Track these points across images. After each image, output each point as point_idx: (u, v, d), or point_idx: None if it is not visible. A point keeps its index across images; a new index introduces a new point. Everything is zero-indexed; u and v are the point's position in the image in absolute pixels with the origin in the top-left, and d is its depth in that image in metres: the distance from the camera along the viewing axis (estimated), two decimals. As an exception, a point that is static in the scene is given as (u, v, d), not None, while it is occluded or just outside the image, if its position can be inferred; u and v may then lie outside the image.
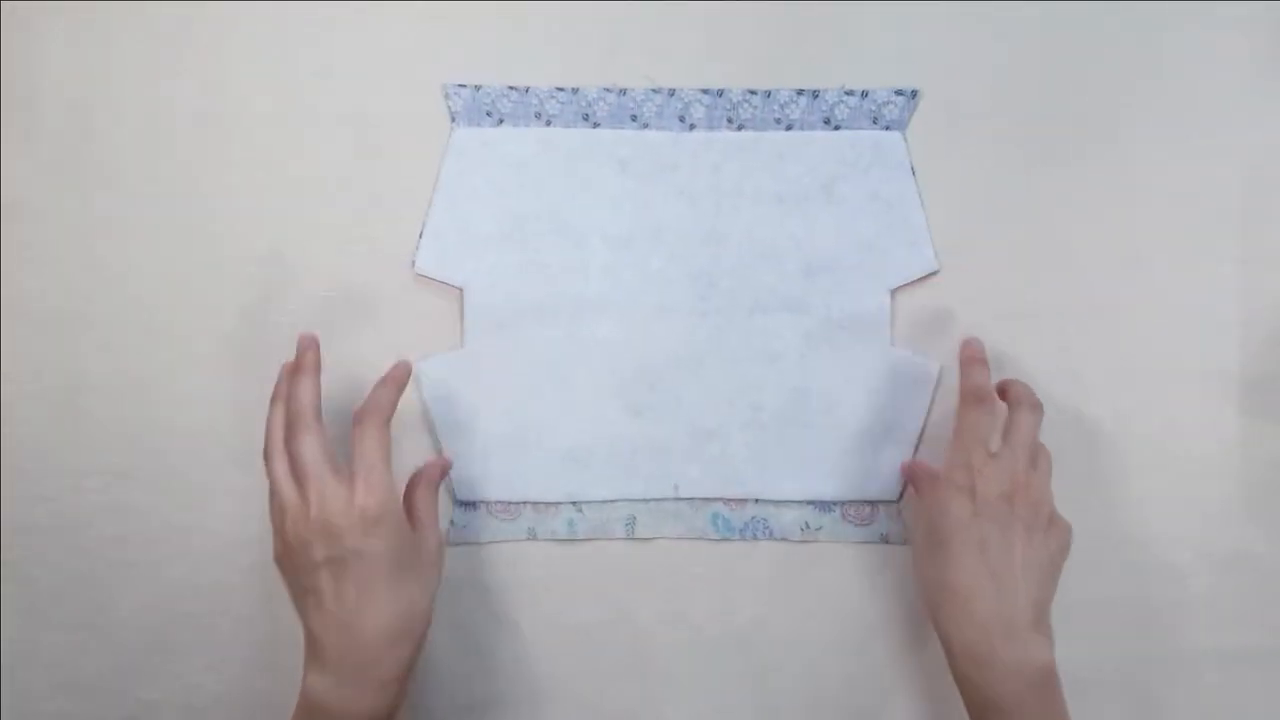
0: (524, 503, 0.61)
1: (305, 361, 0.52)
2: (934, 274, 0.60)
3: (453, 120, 0.61)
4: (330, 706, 0.47)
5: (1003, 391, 0.56)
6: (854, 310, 0.60)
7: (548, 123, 0.61)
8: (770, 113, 0.61)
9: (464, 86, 0.61)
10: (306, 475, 0.48)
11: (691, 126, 0.61)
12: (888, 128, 0.61)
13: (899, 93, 0.61)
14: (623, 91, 0.61)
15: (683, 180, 0.61)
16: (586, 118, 0.61)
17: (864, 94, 0.61)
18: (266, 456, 0.51)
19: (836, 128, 0.61)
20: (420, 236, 0.61)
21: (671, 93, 0.61)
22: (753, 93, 0.61)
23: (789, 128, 0.61)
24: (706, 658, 0.61)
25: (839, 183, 0.60)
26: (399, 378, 0.53)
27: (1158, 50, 0.62)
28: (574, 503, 0.61)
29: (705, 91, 0.61)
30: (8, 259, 0.62)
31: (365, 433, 0.50)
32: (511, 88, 0.61)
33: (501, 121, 0.61)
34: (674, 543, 0.62)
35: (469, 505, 0.61)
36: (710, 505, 0.62)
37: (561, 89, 0.61)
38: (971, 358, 0.56)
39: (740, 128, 0.61)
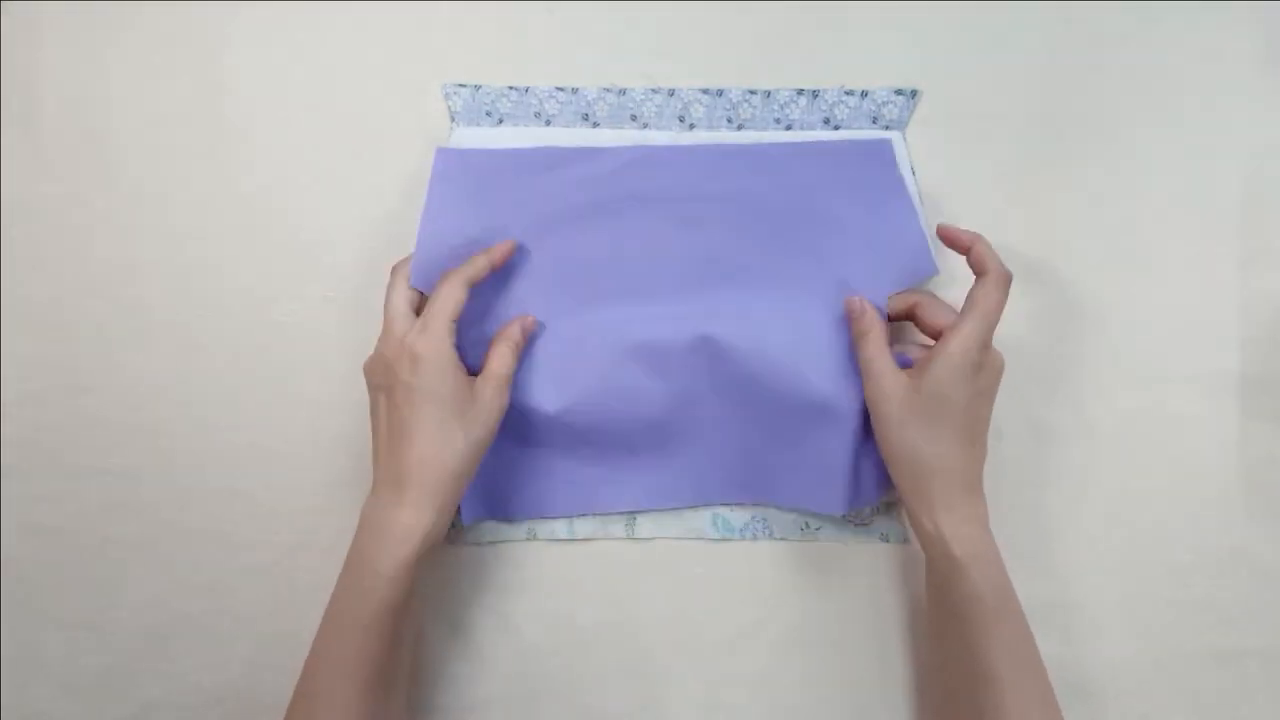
0: (524, 503, 0.61)
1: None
2: (934, 275, 0.60)
3: (453, 120, 0.61)
4: (371, 524, 0.52)
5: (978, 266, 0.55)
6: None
7: (547, 122, 0.61)
8: (770, 113, 0.61)
9: (464, 86, 0.61)
10: (386, 310, 0.55)
11: (691, 126, 0.61)
12: (888, 128, 0.61)
13: (899, 93, 0.61)
14: (623, 91, 0.61)
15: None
16: (586, 117, 0.61)
17: (864, 94, 0.61)
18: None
19: (836, 128, 0.61)
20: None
21: (671, 93, 0.61)
22: (753, 93, 0.61)
23: (789, 128, 0.61)
24: (706, 658, 0.61)
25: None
26: (494, 255, 0.56)
27: (1158, 50, 0.62)
28: (574, 503, 0.62)
29: (705, 91, 0.61)
30: (8, 259, 0.62)
31: (440, 288, 0.54)
32: (511, 88, 0.61)
33: (501, 121, 0.61)
34: (674, 543, 0.62)
35: (469, 505, 0.61)
36: (710, 505, 0.62)
37: (561, 89, 0.61)
38: (979, 241, 0.54)
39: (740, 128, 0.61)
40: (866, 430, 0.57)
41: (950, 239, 0.56)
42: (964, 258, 0.55)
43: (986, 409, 0.54)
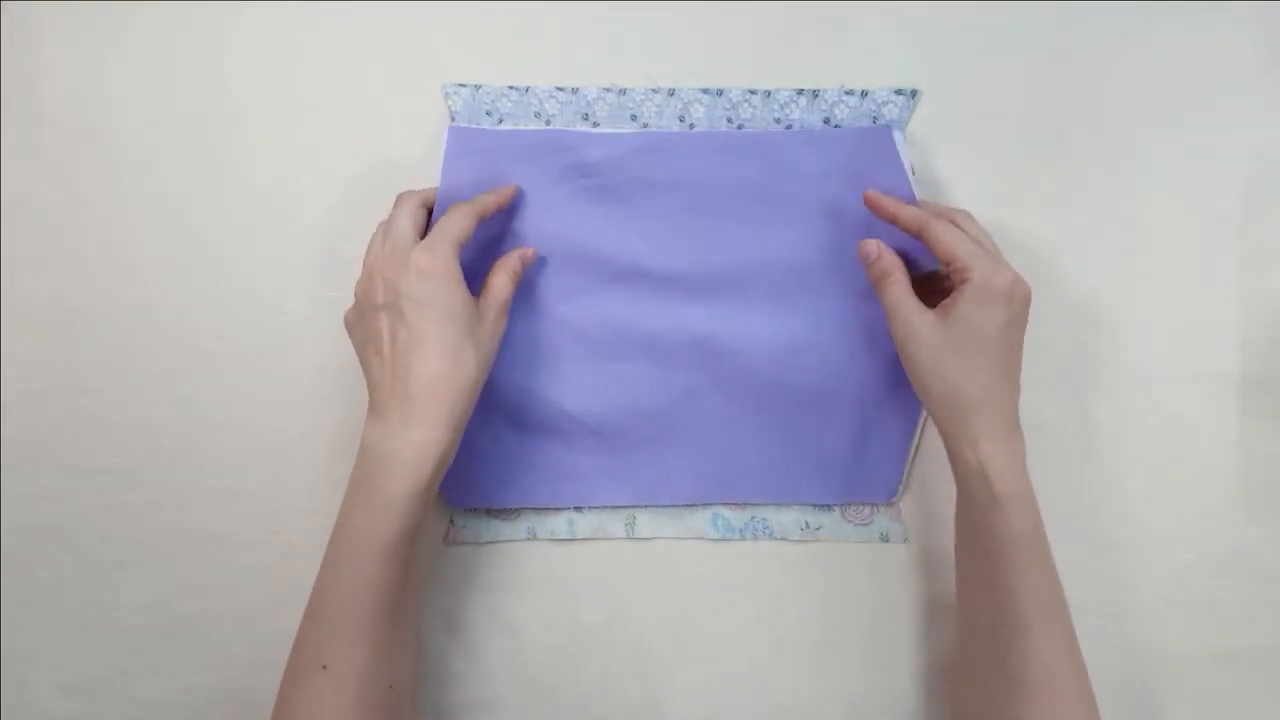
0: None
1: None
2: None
3: (453, 120, 0.61)
4: (379, 451, 0.50)
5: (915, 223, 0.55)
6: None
7: (548, 122, 0.61)
8: (770, 113, 0.61)
9: (464, 86, 0.61)
10: (391, 232, 0.54)
11: (691, 126, 0.61)
12: (888, 127, 0.61)
13: (899, 93, 0.61)
14: (623, 91, 0.61)
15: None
16: (586, 117, 0.61)
17: (864, 94, 0.61)
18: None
19: (836, 127, 0.61)
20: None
21: (671, 93, 0.61)
22: (753, 93, 0.61)
23: (789, 127, 0.61)
24: (706, 658, 0.61)
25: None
26: (501, 195, 0.58)
27: (1158, 50, 0.62)
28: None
29: (705, 91, 0.61)
30: (8, 259, 0.62)
31: (447, 216, 0.55)
32: (511, 88, 0.61)
33: (501, 121, 0.61)
34: (674, 543, 0.62)
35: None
36: (710, 505, 0.62)
37: (561, 89, 0.61)
38: (929, 220, 0.54)
39: (740, 127, 0.61)
40: (872, 420, 0.57)
41: (883, 212, 0.56)
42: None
43: (1019, 336, 0.53)
